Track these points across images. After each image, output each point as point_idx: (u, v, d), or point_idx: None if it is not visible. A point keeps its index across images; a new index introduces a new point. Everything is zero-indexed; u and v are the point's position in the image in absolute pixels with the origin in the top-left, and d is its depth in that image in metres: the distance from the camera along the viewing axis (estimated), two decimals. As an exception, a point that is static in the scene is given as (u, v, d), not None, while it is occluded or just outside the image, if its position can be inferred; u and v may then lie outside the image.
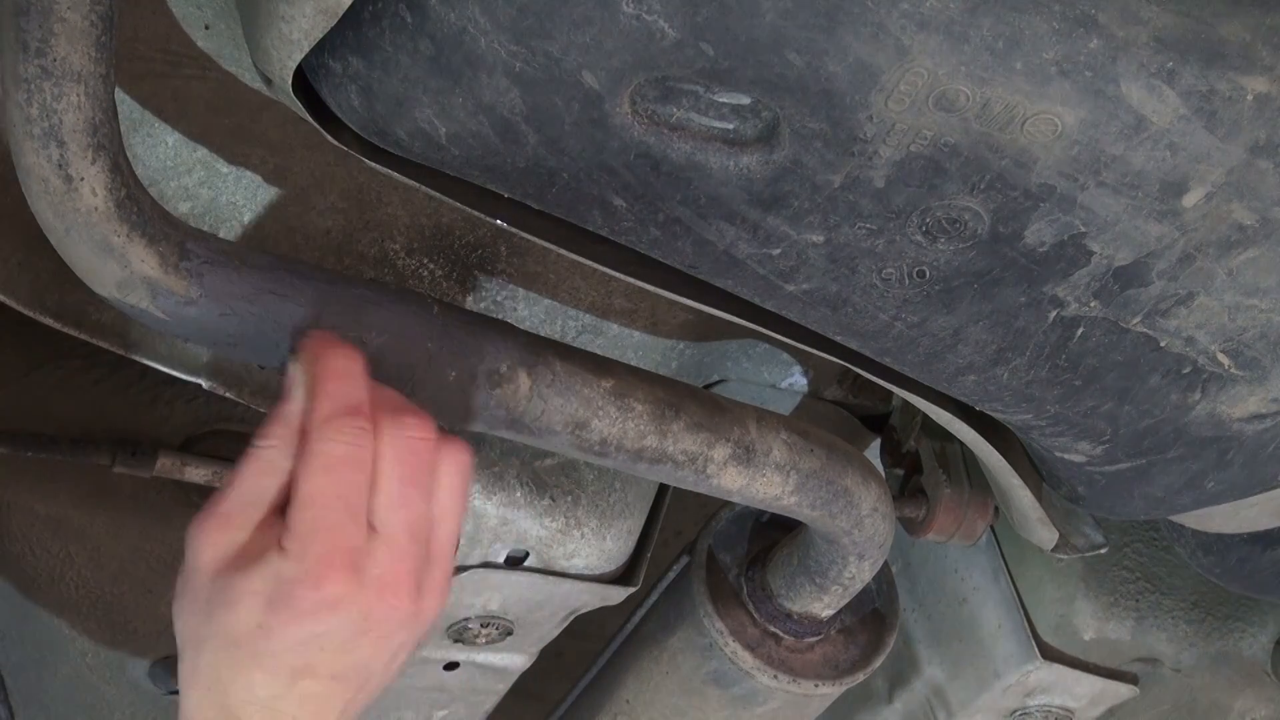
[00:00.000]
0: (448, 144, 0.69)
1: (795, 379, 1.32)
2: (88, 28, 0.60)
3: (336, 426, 0.70)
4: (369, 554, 0.70)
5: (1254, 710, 1.53)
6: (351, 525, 0.70)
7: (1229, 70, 0.64)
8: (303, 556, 0.68)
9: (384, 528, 0.71)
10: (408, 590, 0.71)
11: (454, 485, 0.75)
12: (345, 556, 0.69)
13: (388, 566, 0.70)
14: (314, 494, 0.69)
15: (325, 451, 0.70)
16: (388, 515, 0.71)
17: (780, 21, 0.60)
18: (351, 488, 0.70)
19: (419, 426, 0.73)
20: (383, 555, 0.70)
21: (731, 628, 1.21)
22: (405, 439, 0.72)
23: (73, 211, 0.66)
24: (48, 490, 1.11)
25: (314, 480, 0.69)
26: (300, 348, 0.74)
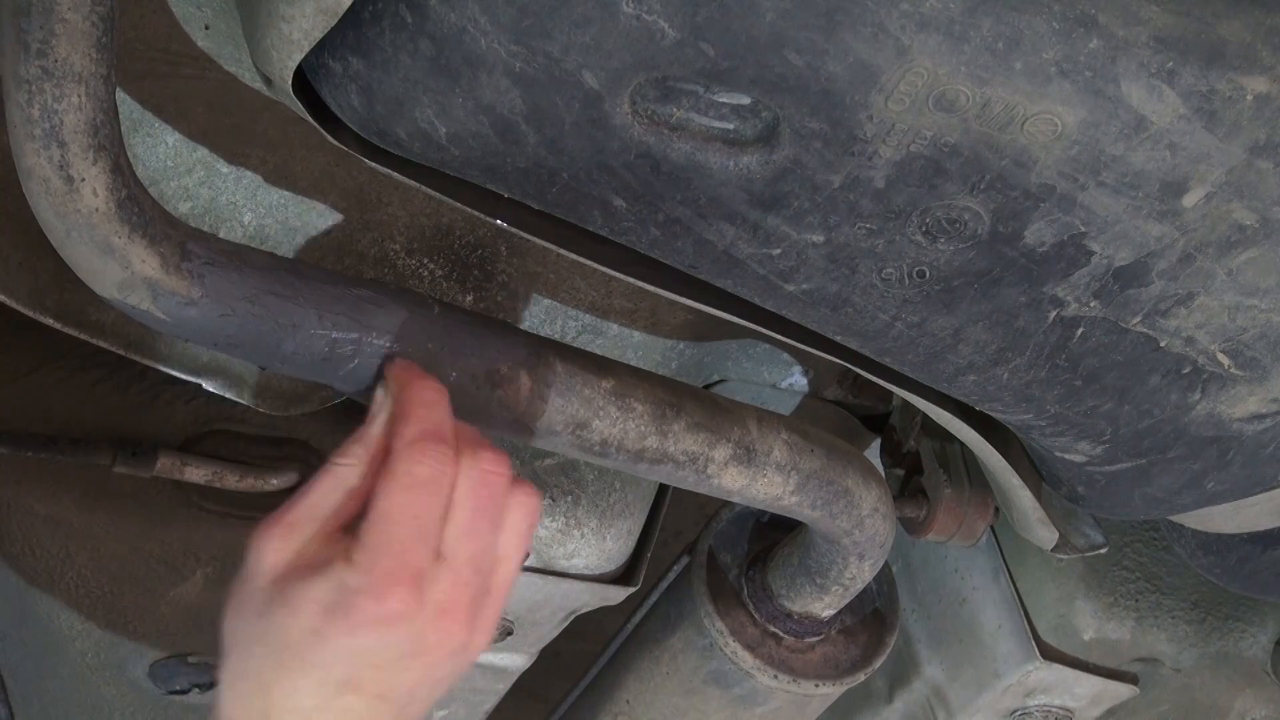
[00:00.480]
0: (448, 144, 0.69)
1: (795, 379, 1.32)
2: (89, 28, 0.60)
3: (422, 449, 0.72)
4: (434, 578, 0.71)
5: (1254, 710, 1.53)
6: (421, 547, 0.71)
7: (1229, 70, 0.64)
8: (370, 569, 0.69)
9: (450, 556, 0.72)
10: (464, 620, 0.72)
11: (520, 526, 0.76)
12: (411, 575, 0.69)
13: (449, 594, 0.71)
14: (391, 511, 0.70)
15: (409, 471, 0.71)
16: (456, 544, 0.72)
17: (780, 21, 0.60)
18: (428, 510, 0.71)
19: (496, 462, 0.75)
20: (446, 582, 0.71)
21: (732, 628, 1.21)
22: (481, 472, 0.74)
23: (74, 212, 0.66)
24: (48, 490, 1.11)
25: (394, 498, 0.70)
26: (388, 374, 0.76)
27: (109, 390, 1.08)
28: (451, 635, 0.72)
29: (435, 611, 0.71)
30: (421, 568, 0.70)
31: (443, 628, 0.71)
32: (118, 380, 1.08)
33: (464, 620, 0.72)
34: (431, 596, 0.71)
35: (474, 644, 0.74)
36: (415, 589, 0.70)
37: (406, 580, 0.69)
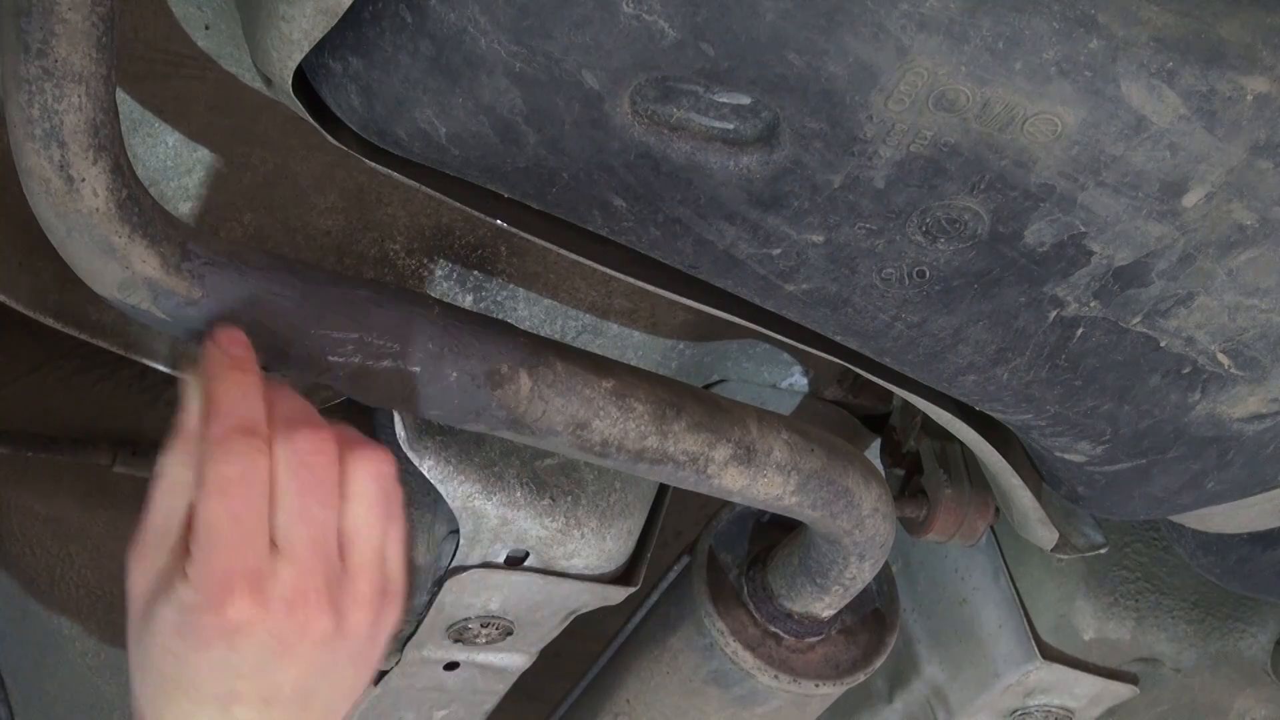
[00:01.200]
0: (448, 144, 0.69)
1: (795, 379, 1.32)
2: (89, 28, 0.60)
3: (227, 447, 0.68)
4: (272, 574, 0.68)
5: (1254, 710, 1.53)
6: (248, 547, 0.68)
7: (1229, 70, 0.64)
8: (202, 583, 0.67)
9: (285, 545, 0.69)
10: (320, 606, 0.69)
11: (366, 493, 0.72)
12: (245, 579, 0.67)
13: (292, 584, 0.68)
14: (208, 518, 0.67)
15: (217, 474, 0.68)
16: (288, 532, 0.69)
17: (780, 21, 0.60)
18: (246, 508, 0.68)
19: (313, 438, 0.70)
20: (286, 573, 0.68)
21: (732, 628, 1.21)
22: (299, 453, 0.70)
23: (74, 212, 0.66)
24: (48, 490, 1.11)
25: (207, 504, 0.67)
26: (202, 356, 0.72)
27: (109, 390, 1.08)
28: (310, 624, 0.69)
29: (284, 606, 0.68)
30: (255, 568, 0.67)
31: (298, 620, 0.68)
32: (118, 380, 1.08)
33: (320, 606, 0.69)
34: (275, 592, 0.68)
35: (351, 627, 0.71)
36: (252, 591, 0.67)
37: (240, 585, 0.66)
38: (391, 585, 0.75)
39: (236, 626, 0.67)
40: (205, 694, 0.69)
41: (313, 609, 0.69)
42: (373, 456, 0.73)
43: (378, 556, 0.73)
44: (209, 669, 0.68)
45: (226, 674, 0.68)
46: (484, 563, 1.17)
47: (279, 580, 0.68)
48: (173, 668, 0.69)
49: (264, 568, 0.68)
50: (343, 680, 0.73)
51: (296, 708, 0.71)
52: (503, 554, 1.17)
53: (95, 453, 1.04)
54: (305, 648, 0.69)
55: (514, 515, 1.13)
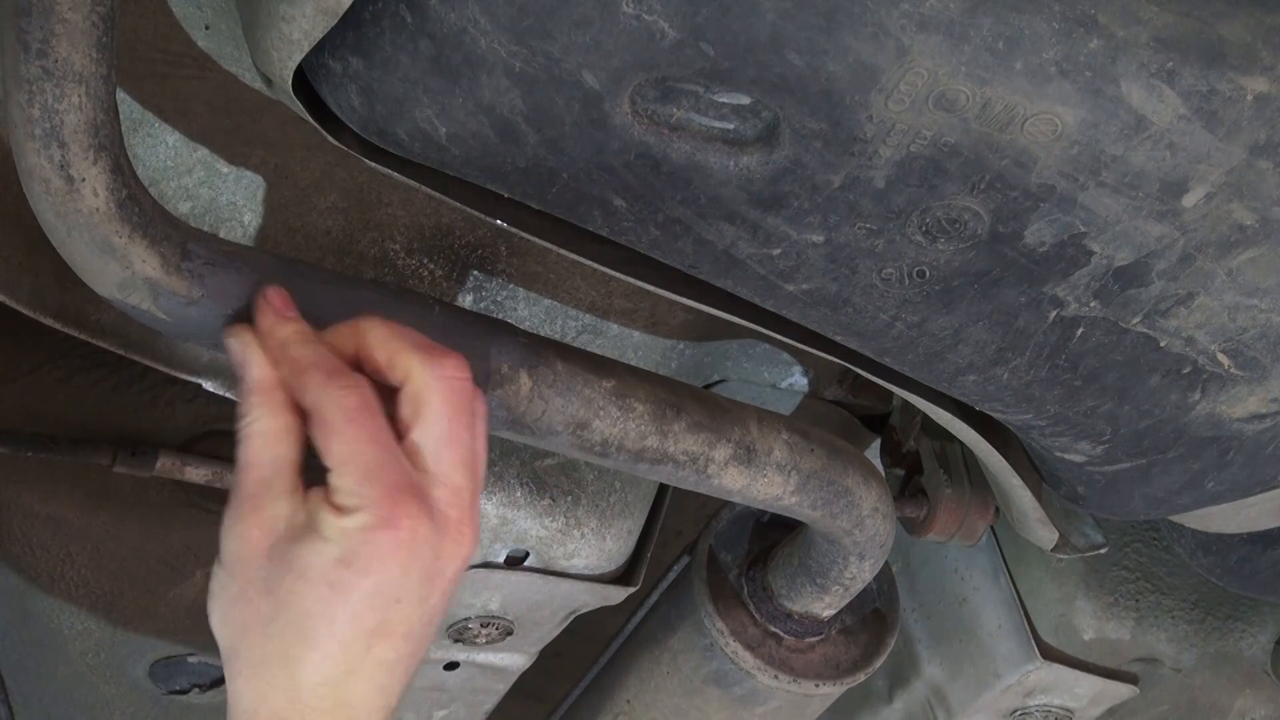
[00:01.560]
0: (448, 144, 0.69)
1: (795, 379, 1.32)
2: (89, 28, 0.60)
3: (339, 382, 0.69)
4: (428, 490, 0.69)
5: (1254, 710, 1.53)
6: (397, 465, 0.68)
7: (1229, 70, 0.64)
8: (365, 505, 0.67)
9: (436, 465, 0.70)
10: (471, 525, 0.70)
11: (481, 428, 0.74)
12: (410, 491, 0.68)
13: (450, 502, 0.69)
14: (350, 447, 0.68)
15: (342, 406, 0.68)
16: (439, 453, 0.70)
17: (780, 21, 0.60)
18: (382, 432, 0.69)
19: (458, 366, 0.72)
20: (441, 492, 0.69)
21: (732, 628, 1.21)
22: (449, 380, 0.71)
23: (74, 212, 0.66)
24: (48, 490, 1.11)
25: (344, 434, 0.68)
26: (255, 309, 0.73)
27: (109, 390, 1.08)
28: (462, 544, 0.70)
29: (443, 522, 0.69)
30: (414, 482, 0.68)
31: (452, 537, 0.69)
32: (118, 380, 1.08)
33: (471, 525, 0.70)
34: (442, 508, 0.69)
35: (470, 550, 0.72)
36: (420, 501, 0.68)
37: (408, 497, 0.67)
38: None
39: (410, 538, 0.67)
40: (358, 629, 0.68)
41: (465, 528, 0.70)
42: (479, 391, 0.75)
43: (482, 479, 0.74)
44: (372, 595, 0.67)
45: (386, 600, 0.68)
46: (484, 563, 1.17)
47: (431, 498, 0.69)
48: (328, 603, 0.67)
49: (418, 483, 0.69)
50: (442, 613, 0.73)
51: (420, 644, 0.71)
52: (503, 554, 1.17)
53: (95, 453, 1.04)
54: (452, 568, 0.70)
55: (514, 515, 1.13)
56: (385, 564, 0.67)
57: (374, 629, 0.68)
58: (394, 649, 0.69)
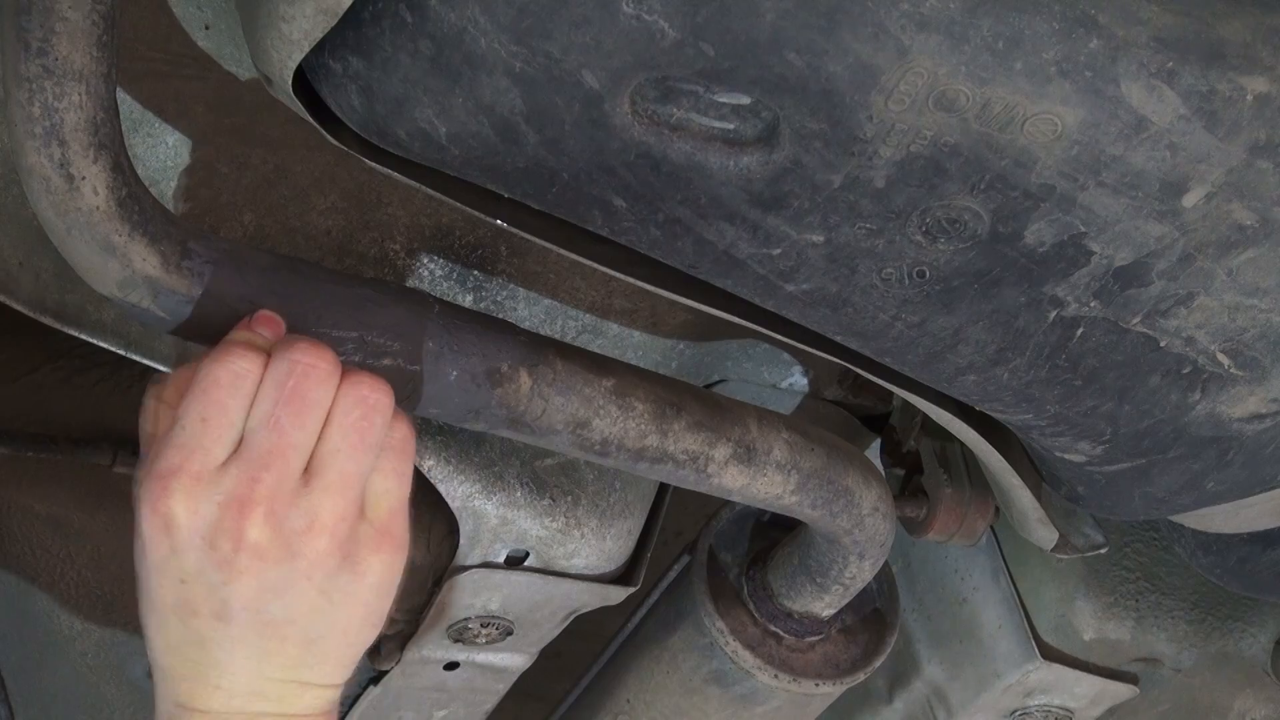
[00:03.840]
0: (448, 144, 0.69)
1: (795, 379, 1.32)
2: (89, 27, 0.60)
3: (224, 353, 0.69)
4: (215, 478, 0.67)
5: (1254, 710, 1.53)
6: (201, 447, 0.67)
7: (1229, 70, 0.64)
8: (147, 479, 0.67)
9: (242, 450, 0.68)
10: (254, 515, 0.67)
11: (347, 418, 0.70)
12: (184, 476, 0.66)
13: (232, 489, 0.67)
14: (179, 417, 0.68)
15: (204, 373, 0.68)
16: (250, 437, 0.68)
17: (780, 21, 0.60)
18: (218, 411, 0.67)
19: (307, 350, 0.69)
20: (229, 479, 0.67)
21: (732, 627, 1.21)
22: (289, 361, 0.69)
23: (74, 211, 0.66)
24: (48, 490, 1.11)
25: (185, 403, 0.68)
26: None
27: (109, 390, 1.08)
28: (244, 532, 0.67)
29: (217, 509, 0.67)
30: (198, 468, 0.67)
31: (230, 524, 0.67)
32: (118, 380, 1.08)
33: (255, 515, 0.67)
34: (212, 494, 0.67)
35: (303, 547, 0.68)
36: (188, 489, 0.66)
37: (175, 482, 0.66)
38: (378, 521, 0.72)
39: (168, 522, 0.67)
40: (166, 604, 0.69)
41: (248, 516, 0.67)
42: (361, 382, 0.71)
43: (348, 484, 0.70)
44: (158, 574, 0.68)
45: (174, 580, 0.68)
46: (484, 563, 1.17)
47: (219, 484, 0.67)
48: (141, 577, 0.69)
49: (208, 469, 0.67)
50: (315, 610, 0.70)
51: (258, 629, 0.69)
52: (503, 554, 1.17)
53: (95, 453, 1.04)
54: (244, 560, 0.67)
55: (514, 515, 1.13)
56: (157, 543, 0.67)
57: (179, 604, 0.68)
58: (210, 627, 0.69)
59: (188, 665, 0.71)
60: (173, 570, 0.68)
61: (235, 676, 0.70)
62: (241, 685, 0.70)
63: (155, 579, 0.69)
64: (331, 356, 0.70)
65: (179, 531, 0.67)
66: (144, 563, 0.69)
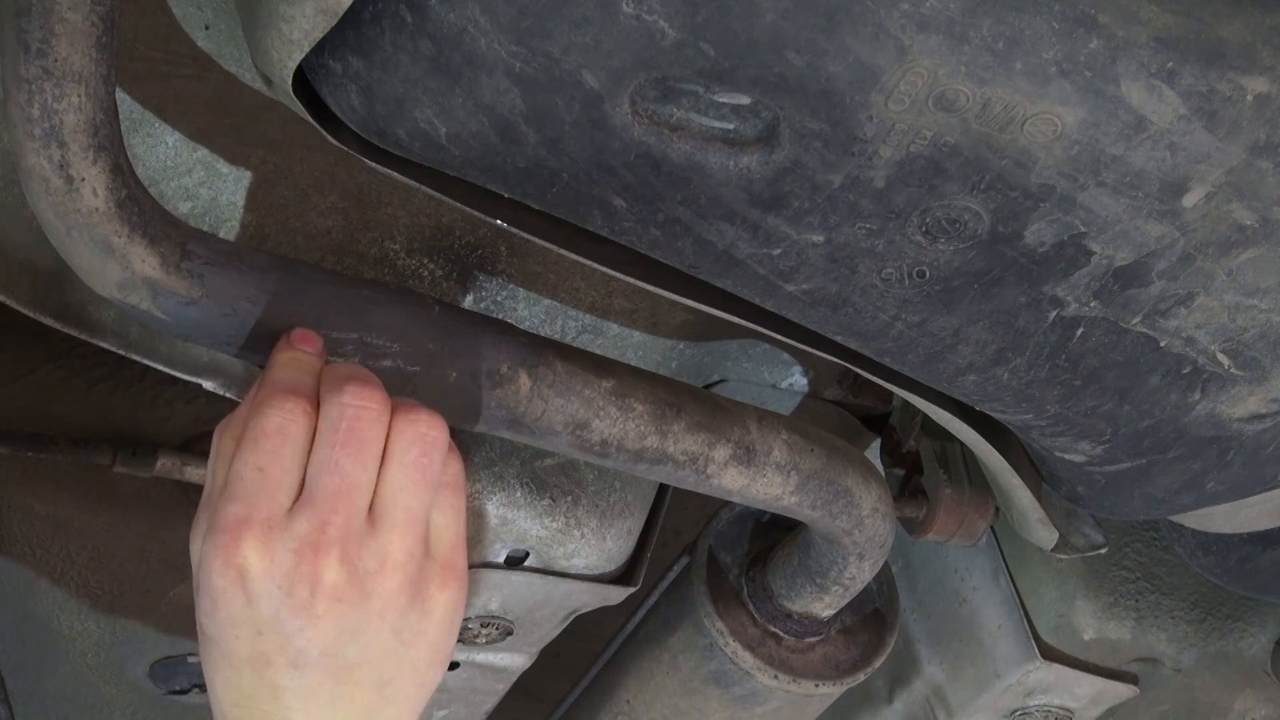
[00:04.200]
0: (448, 144, 0.69)
1: (795, 379, 1.32)
2: (89, 28, 0.60)
3: (267, 401, 0.68)
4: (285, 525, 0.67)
5: (1254, 710, 1.53)
6: (266, 496, 0.67)
7: (1229, 70, 0.64)
8: (214, 531, 0.67)
9: (306, 496, 0.68)
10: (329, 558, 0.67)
11: (407, 456, 0.70)
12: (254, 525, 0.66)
13: (304, 535, 0.67)
14: (236, 468, 0.68)
15: (253, 427, 0.68)
16: (313, 483, 0.68)
17: (780, 21, 0.60)
18: (274, 461, 0.67)
19: (357, 394, 0.69)
20: (299, 524, 0.67)
21: (732, 627, 1.21)
22: (342, 405, 0.69)
23: (74, 212, 0.66)
24: (48, 490, 1.11)
25: (239, 456, 0.68)
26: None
27: (109, 390, 1.08)
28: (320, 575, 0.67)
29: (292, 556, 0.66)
30: (267, 516, 0.66)
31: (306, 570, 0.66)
32: (118, 380, 1.08)
33: (330, 557, 0.67)
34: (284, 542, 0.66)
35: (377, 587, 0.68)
36: (260, 538, 0.66)
37: (246, 532, 0.66)
38: (441, 556, 0.72)
39: (242, 574, 0.66)
40: (239, 657, 0.68)
41: (323, 559, 0.67)
42: (419, 419, 0.71)
43: (414, 522, 0.70)
44: (232, 627, 0.67)
45: (249, 632, 0.67)
46: (484, 563, 1.17)
47: (291, 531, 0.67)
48: (210, 630, 0.68)
49: (277, 517, 0.67)
50: (387, 651, 0.70)
51: (333, 675, 0.69)
52: (503, 554, 1.17)
53: (95, 453, 1.04)
54: (321, 604, 0.67)
55: (514, 515, 1.13)
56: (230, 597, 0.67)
57: (253, 656, 0.68)
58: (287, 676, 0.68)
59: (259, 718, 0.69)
60: (247, 622, 0.67)
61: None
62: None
63: (228, 633, 0.68)
64: (381, 395, 0.70)
65: (254, 582, 0.66)
66: (215, 618, 0.68)
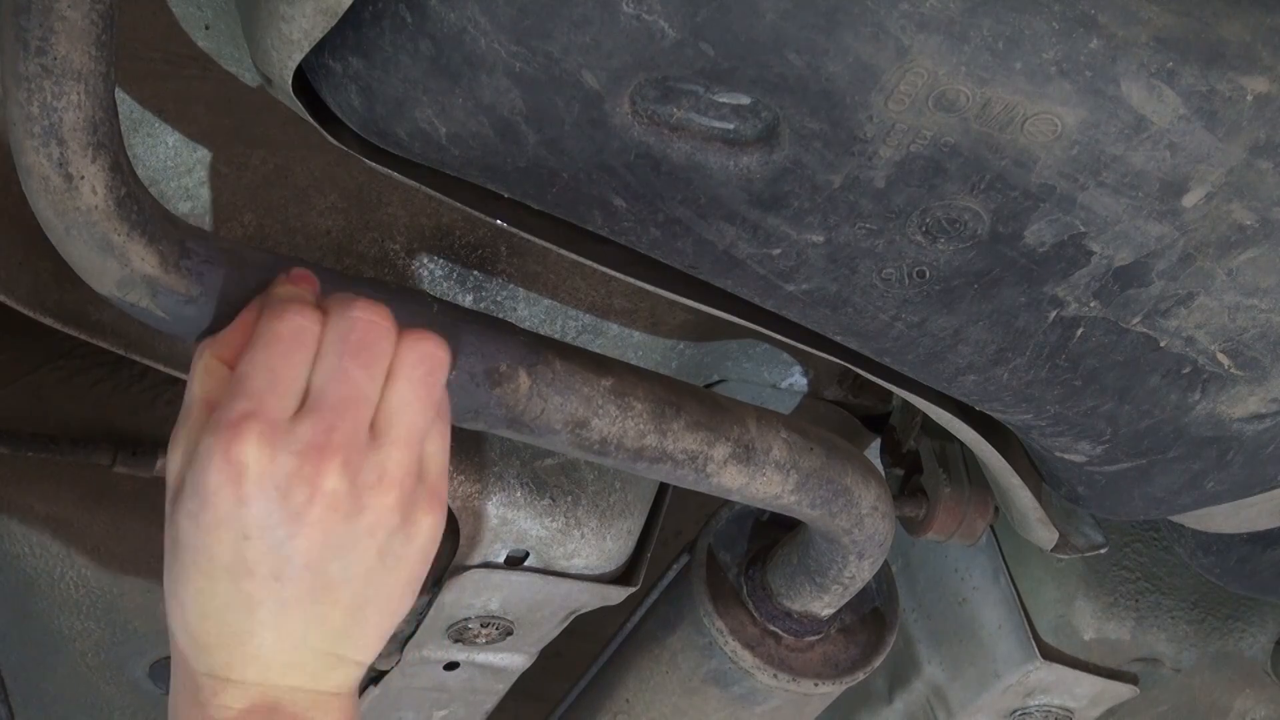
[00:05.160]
0: (448, 144, 0.69)
1: (795, 379, 1.32)
2: (88, 26, 0.60)
3: (282, 307, 0.68)
4: (289, 428, 0.66)
5: (1254, 710, 1.53)
6: (273, 396, 0.66)
7: (1229, 70, 0.64)
8: (216, 426, 0.65)
9: (311, 400, 0.67)
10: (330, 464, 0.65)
11: (414, 374, 0.69)
12: (257, 422, 0.65)
13: (308, 438, 0.65)
14: (245, 368, 0.67)
15: (265, 328, 0.67)
16: (318, 389, 0.67)
17: (780, 21, 0.60)
18: (284, 362, 0.66)
19: (367, 308, 0.69)
20: (304, 427, 0.66)
21: (731, 627, 1.21)
22: (350, 319, 0.68)
23: (73, 210, 0.66)
24: (48, 490, 1.11)
25: (249, 355, 0.67)
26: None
27: (109, 390, 1.08)
28: (319, 480, 0.65)
29: (294, 458, 0.65)
30: (272, 416, 0.65)
31: (307, 473, 0.65)
32: (118, 380, 1.08)
33: (332, 464, 0.65)
34: (288, 443, 0.65)
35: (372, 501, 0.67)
36: (262, 435, 0.64)
37: (249, 427, 0.64)
38: (430, 481, 0.71)
39: (240, 470, 0.64)
40: (217, 564, 0.66)
41: (326, 464, 0.66)
42: (427, 337, 0.71)
43: (414, 439, 0.70)
44: (218, 529, 0.65)
45: (235, 536, 0.65)
46: (484, 563, 1.17)
47: (295, 434, 0.66)
48: (189, 536, 0.66)
49: (281, 418, 0.66)
50: (370, 571, 0.69)
51: (313, 591, 0.67)
52: (503, 554, 1.17)
53: (95, 453, 1.04)
54: (315, 512, 0.66)
55: (514, 515, 1.13)
56: (223, 493, 0.65)
57: (234, 564, 0.66)
58: (265, 588, 0.66)
59: (226, 633, 0.67)
60: (234, 525, 0.65)
61: (277, 644, 0.68)
62: (280, 655, 0.68)
63: (211, 536, 0.65)
64: (389, 313, 0.70)
65: (250, 481, 0.64)
66: (199, 520, 0.65)
